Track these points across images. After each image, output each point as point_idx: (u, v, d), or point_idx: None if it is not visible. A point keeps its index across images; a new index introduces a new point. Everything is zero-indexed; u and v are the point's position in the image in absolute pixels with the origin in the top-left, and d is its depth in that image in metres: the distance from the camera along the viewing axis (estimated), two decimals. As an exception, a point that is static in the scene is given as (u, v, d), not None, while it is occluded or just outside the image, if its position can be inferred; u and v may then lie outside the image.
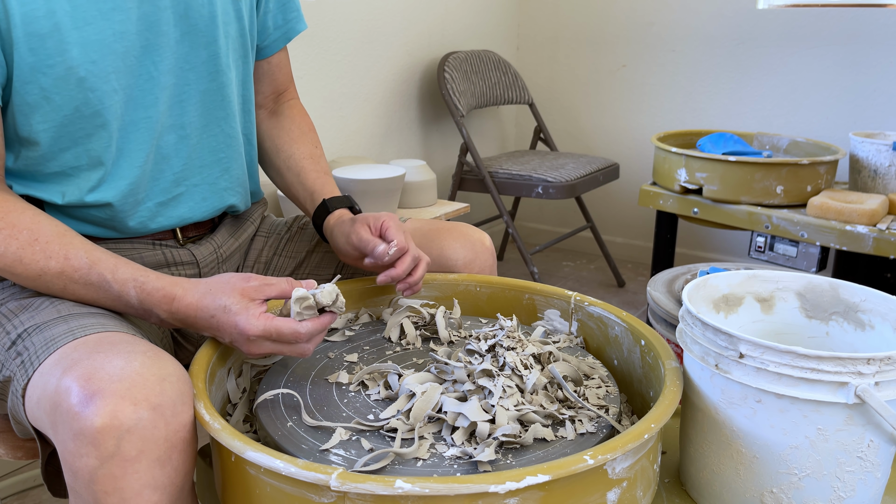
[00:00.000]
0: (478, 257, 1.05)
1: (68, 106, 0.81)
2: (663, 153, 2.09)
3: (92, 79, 0.81)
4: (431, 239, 1.05)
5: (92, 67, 0.80)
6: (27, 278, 0.78)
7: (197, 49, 0.90)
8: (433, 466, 0.66)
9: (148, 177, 0.89)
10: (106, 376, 0.65)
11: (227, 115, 0.96)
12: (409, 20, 2.43)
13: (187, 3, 0.87)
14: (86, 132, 0.83)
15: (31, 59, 0.77)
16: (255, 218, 1.10)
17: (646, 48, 2.77)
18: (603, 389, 0.81)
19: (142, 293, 0.78)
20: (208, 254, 0.98)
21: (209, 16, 0.90)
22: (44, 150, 0.82)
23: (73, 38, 0.78)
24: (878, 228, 1.75)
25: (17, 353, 0.75)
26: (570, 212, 3.04)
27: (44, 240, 0.77)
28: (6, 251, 0.77)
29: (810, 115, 2.53)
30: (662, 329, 1.23)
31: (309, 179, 1.04)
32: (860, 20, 2.39)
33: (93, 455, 0.63)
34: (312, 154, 1.07)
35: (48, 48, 0.77)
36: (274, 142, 1.08)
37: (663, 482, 0.83)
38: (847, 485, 0.70)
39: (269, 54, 1.06)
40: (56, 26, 0.77)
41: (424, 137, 2.59)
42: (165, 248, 0.94)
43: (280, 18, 1.05)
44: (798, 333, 0.85)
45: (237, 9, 0.94)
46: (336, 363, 0.85)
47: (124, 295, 0.78)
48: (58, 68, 0.78)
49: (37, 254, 0.77)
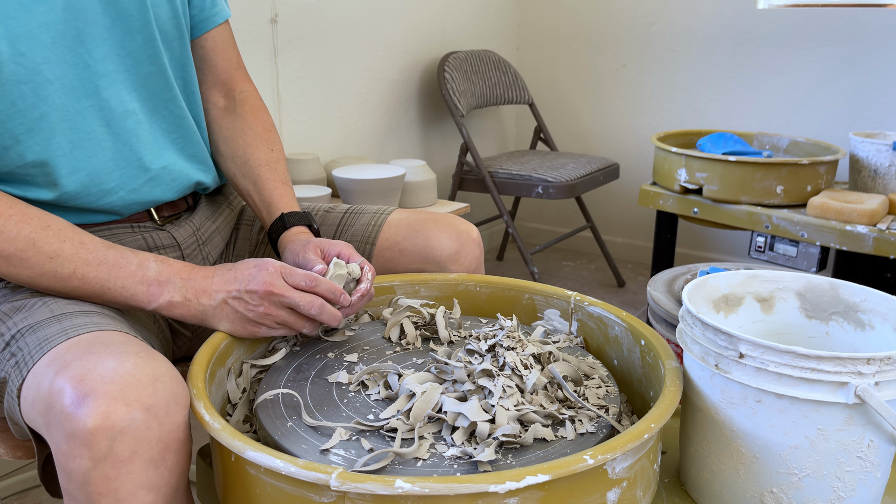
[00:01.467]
0: (464, 248, 1.04)
1: (3, 101, 0.80)
2: (663, 153, 2.09)
3: (22, 71, 0.80)
4: (417, 230, 1.04)
5: (21, 59, 0.79)
6: (36, 264, 0.77)
7: (132, 34, 0.89)
8: (433, 466, 0.66)
9: (111, 165, 0.89)
10: (98, 377, 0.65)
11: (172, 97, 0.95)
12: (409, 20, 2.43)
13: None
14: (25, 126, 0.82)
15: None
16: (232, 199, 1.09)
17: (646, 48, 2.77)
18: (603, 389, 0.81)
19: (162, 264, 0.81)
20: (188, 235, 0.99)
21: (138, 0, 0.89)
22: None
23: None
24: (878, 228, 1.75)
25: (12, 354, 0.75)
26: (570, 212, 3.04)
27: (56, 227, 0.78)
28: (18, 234, 0.76)
29: (810, 115, 2.53)
30: (662, 329, 1.23)
31: (266, 190, 1.00)
32: (860, 20, 2.39)
33: (86, 456, 0.63)
34: (269, 160, 1.03)
35: None
36: (228, 144, 1.04)
37: (663, 482, 0.83)
38: (847, 485, 0.70)
39: (197, 35, 1.03)
40: None
41: (424, 137, 2.59)
42: (145, 232, 0.95)
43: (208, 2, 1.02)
44: (798, 333, 0.85)
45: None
46: (336, 363, 0.85)
47: (143, 266, 0.80)
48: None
49: (51, 237, 0.77)
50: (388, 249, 1.05)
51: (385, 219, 1.07)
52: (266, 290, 0.79)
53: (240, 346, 0.85)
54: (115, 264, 0.79)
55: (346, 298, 0.83)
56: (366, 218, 1.08)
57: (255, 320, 0.80)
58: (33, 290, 0.82)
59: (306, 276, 0.81)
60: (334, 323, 0.83)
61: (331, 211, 1.11)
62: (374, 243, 1.05)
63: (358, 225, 1.07)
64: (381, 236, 1.05)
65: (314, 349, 0.88)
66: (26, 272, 0.78)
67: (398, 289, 1.00)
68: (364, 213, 1.09)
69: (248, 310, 0.80)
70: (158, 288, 0.80)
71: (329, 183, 1.99)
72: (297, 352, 0.88)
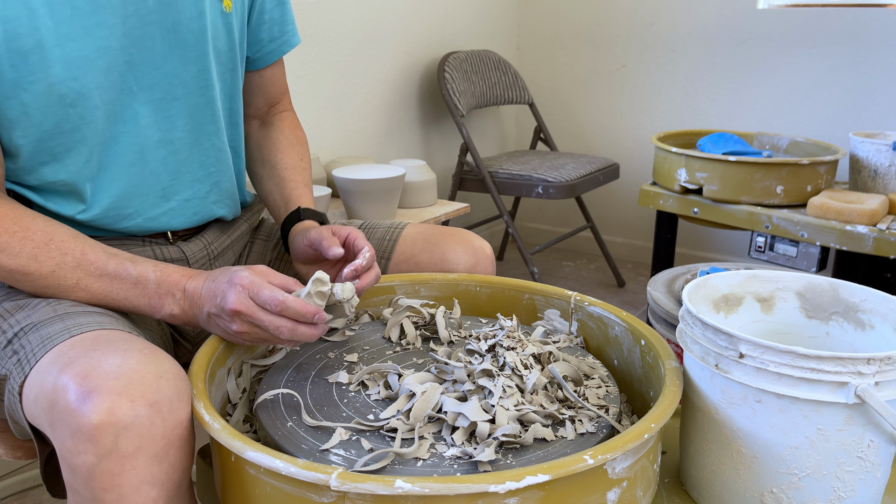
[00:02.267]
0: (479, 263, 1.06)
1: (48, 122, 0.80)
2: (663, 153, 2.09)
3: (73, 95, 0.80)
4: (434, 243, 1.05)
5: (74, 84, 0.80)
6: (39, 276, 0.78)
7: (186, 64, 0.89)
8: (433, 466, 0.66)
9: (134, 191, 0.89)
10: (103, 374, 0.65)
11: (216, 129, 0.95)
12: (409, 20, 2.43)
13: (176, 18, 0.86)
14: (65, 147, 0.83)
15: (12, 75, 0.76)
16: (250, 216, 1.10)
17: (646, 48, 2.77)
18: (603, 389, 0.81)
19: (161, 274, 0.80)
20: (198, 250, 0.99)
21: (199, 30, 0.89)
22: (22, 164, 0.82)
23: (56, 55, 0.78)
24: (878, 228, 1.75)
25: (14, 352, 0.75)
26: (570, 212, 3.04)
27: (59, 239, 0.78)
28: (21, 251, 0.77)
29: (810, 115, 2.53)
30: (662, 329, 1.23)
31: (287, 189, 1.03)
32: (860, 20, 2.39)
33: (91, 452, 0.63)
34: (296, 165, 1.06)
35: (30, 65, 0.77)
36: (261, 151, 1.07)
37: (663, 482, 0.83)
38: (847, 485, 0.70)
39: (261, 66, 1.06)
40: (39, 43, 0.76)
41: (424, 137, 2.59)
42: (155, 246, 0.95)
43: (276, 31, 1.04)
44: (798, 333, 0.85)
45: (227, 23, 0.93)
46: (336, 363, 0.85)
47: (143, 278, 0.80)
48: (39, 85, 0.78)
49: (53, 251, 0.78)
50: (403, 262, 1.06)
51: (400, 233, 1.08)
52: (233, 309, 0.76)
53: (239, 347, 0.85)
54: (115, 276, 0.79)
55: (322, 317, 0.77)
56: (380, 232, 1.09)
57: (235, 335, 0.79)
58: None
59: (272, 300, 0.75)
60: (313, 339, 0.78)
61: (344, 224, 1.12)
62: (390, 258, 1.06)
63: (373, 239, 1.08)
64: (397, 250, 1.06)
65: (314, 349, 0.88)
66: (30, 286, 0.79)
67: (398, 289, 1.01)
68: (378, 228, 1.10)
69: (225, 326, 0.78)
70: (159, 301, 0.80)
71: (329, 183, 1.99)
72: (297, 352, 0.88)
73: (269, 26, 1.03)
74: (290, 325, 0.76)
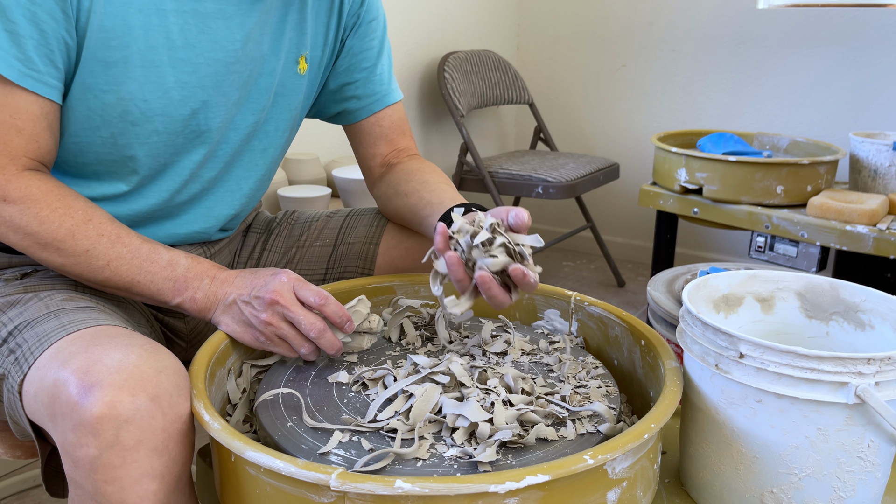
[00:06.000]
0: None
1: (105, 131, 0.83)
2: (663, 153, 2.09)
3: (137, 114, 0.82)
4: None
5: (143, 106, 0.82)
6: (72, 254, 0.79)
7: (245, 114, 0.92)
8: (433, 466, 0.66)
9: (156, 214, 0.92)
10: (104, 368, 0.66)
11: (249, 175, 0.98)
12: (409, 20, 2.43)
13: (253, 71, 0.90)
14: (112, 159, 0.85)
15: (90, 80, 0.79)
16: (248, 215, 1.11)
17: (646, 48, 2.77)
18: (603, 389, 0.81)
19: (193, 261, 0.83)
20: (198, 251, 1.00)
21: (266, 86, 0.92)
22: (66, 165, 0.85)
23: (136, 75, 0.81)
24: (878, 228, 1.74)
25: (10, 351, 0.76)
26: (570, 212, 3.04)
27: (97, 221, 0.80)
28: (61, 226, 0.78)
29: (810, 115, 2.53)
30: (662, 329, 1.22)
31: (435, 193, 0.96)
32: (860, 20, 2.39)
33: (92, 444, 0.64)
34: (443, 181, 1.00)
35: (109, 76, 0.80)
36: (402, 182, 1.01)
37: (663, 482, 0.83)
38: (847, 485, 0.70)
39: (353, 121, 1.06)
40: (125, 59, 0.80)
41: (424, 137, 2.59)
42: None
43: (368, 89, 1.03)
44: (798, 333, 0.85)
45: (297, 84, 0.96)
46: (336, 363, 0.85)
47: (174, 261, 0.81)
48: (110, 95, 0.80)
49: (90, 231, 0.79)
50: (394, 248, 1.06)
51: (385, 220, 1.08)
52: (272, 298, 0.78)
53: (240, 347, 0.85)
54: (147, 258, 0.81)
55: (351, 327, 0.81)
56: (367, 220, 1.09)
57: (256, 326, 0.80)
58: (25, 284, 0.84)
59: (317, 293, 0.79)
60: (331, 351, 0.81)
61: (332, 216, 1.12)
62: (379, 243, 1.06)
63: (360, 226, 1.08)
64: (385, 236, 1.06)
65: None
66: (60, 259, 0.79)
67: (398, 289, 1.00)
68: (364, 215, 1.10)
69: (252, 314, 0.80)
70: (185, 284, 0.81)
71: (329, 183, 1.99)
72: (296, 352, 0.88)
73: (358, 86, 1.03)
74: (321, 325, 0.79)
